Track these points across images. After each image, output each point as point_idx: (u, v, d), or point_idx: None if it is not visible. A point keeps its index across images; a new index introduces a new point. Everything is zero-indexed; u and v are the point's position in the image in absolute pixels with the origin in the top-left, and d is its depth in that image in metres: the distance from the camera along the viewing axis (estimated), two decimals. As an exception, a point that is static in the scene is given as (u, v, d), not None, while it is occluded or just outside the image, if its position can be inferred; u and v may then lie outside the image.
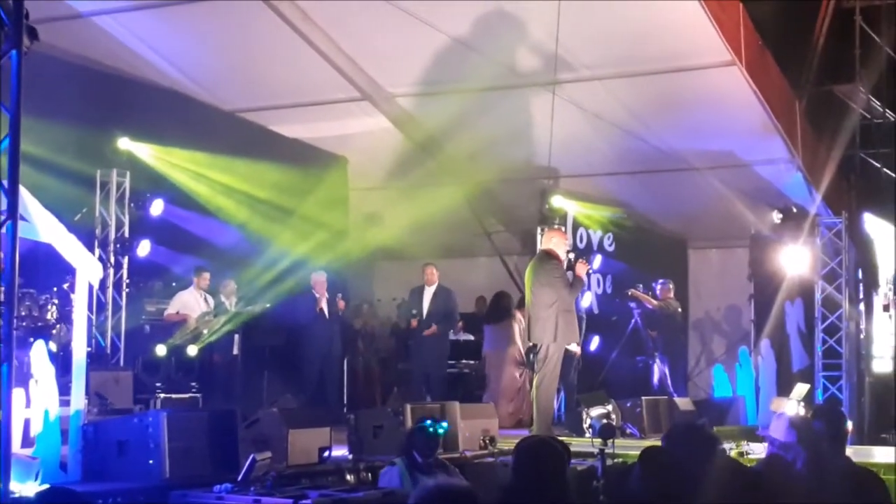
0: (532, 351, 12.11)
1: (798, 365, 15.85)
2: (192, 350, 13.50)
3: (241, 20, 14.52)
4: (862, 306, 16.10)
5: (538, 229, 15.04)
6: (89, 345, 11.40)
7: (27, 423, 7.84)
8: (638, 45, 13.94)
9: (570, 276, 11.94)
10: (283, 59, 15.32)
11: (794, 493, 5.45)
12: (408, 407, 9.95)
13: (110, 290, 13.18)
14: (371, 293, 18.40)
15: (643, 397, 13.24)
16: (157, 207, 13.78)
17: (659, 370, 15.57)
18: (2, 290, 6.85)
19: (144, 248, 13.59)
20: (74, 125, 12.30)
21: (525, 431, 11.92)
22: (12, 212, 6.79)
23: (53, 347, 10.98)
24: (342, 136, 16.65)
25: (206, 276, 14.08)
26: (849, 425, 7.86)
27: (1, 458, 6.67)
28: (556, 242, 12.09)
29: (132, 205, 13.48)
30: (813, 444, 7.11)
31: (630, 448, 9.50)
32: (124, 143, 13.41)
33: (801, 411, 12.40)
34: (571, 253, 12.36)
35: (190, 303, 13.98)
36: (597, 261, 16.42)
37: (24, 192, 7.14)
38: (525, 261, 13.09)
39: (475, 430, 10.63)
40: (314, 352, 14.77)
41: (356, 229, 17.37)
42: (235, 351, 14.34)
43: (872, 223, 16.55)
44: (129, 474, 7.91)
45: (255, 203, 14.98)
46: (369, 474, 8.98)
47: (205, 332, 13.72)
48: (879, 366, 16.21)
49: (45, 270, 10.77)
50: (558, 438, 7.85)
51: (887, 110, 18.70)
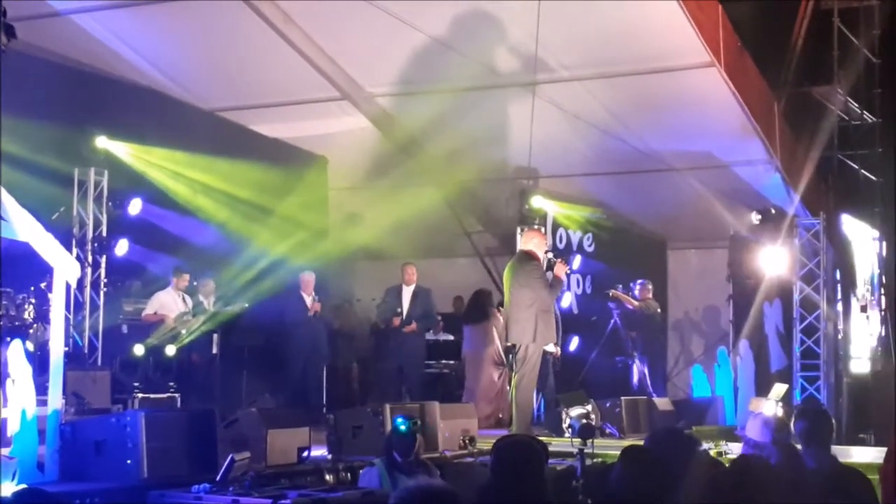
0: (511, 351, 12.10)
1: (776, 365, 15.90)
2: (171, 350, 13.44)
3: (221, 19, 14.49)
4: (840, 307, 16.19)
5: (518, 229, 15.02)
6: (67, 344, 11.33)
7: (4, 422, 7.80)
8: (617, 46, 13.96)
9: (549, 276, 11.94)
10: (262, 59, 15.28)
11: (767, 492, 5.47)
12: (387, 407, 9.95)
13: (88, 290, 13.10)
14: (351, 293, 18.36)
15: (622, 397, 13.27)
16: (136, 206, 13.72)
17: (638, 370, 15.59)
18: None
19: (122, 248, 13.55)
20: (52, 123, 12.22)
21: (504, 431, 11.92)
22: (-11, 210, 6.75)
23: (31, 347, 10.94)
24: (322, 136, 16.62)
25: (186, 277, 14.02)
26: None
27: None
28: (537, 243, 12.06)
29: (110, 204, 13.41)
30: (787, 445, 7.18)
31: (609, 448, 9.51)
32: (102, 142, 13.34)
33: (780, 411, 12.42)
34: (550, 253, 12.34)
35: (168, 303, 13.92)
36: (576, 261, 16.44)
37: (1, 190, 7.10)
38: (504, 261, 13.07)
39: (455, 430, 10.63)
40: (299, 351, 14.74)
41: (336, 229, 17.33)
42: (214, 351, 14.29)
43: (850, 224, 16.65)
44: (107, 474, 7.89)
45: (234, 202, 14.92)
46: (348, 474, 8.98)
47: (183, 331, 13.66)
48: (857, 366, 16.30)
49: (23, 269, 10.69)
50: (537, 438, 7.87)
51: (865, 112, 18.76)
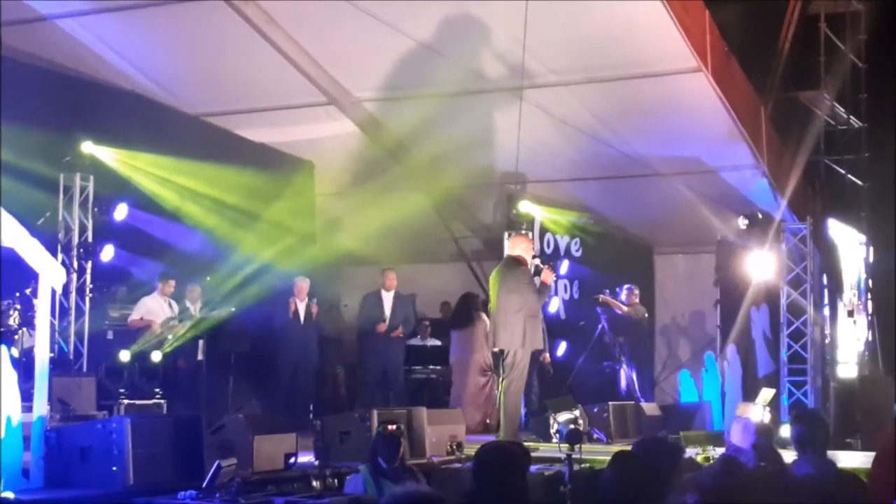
0: (498, 357, 12.08)
1: (763, 370, 15.91)
2: (157, 356, 13.35)
3: (206, 24, 14.45)
4: (827, 311, 16.20)
5: (505, 234, 15.04)
6: (52, 350, 11.25)
7: (-11, 429, 7.74)
8: (604, 52, 13.96)
9: (536, 281, 11.92)
10: (248, 63, 15.24)
11: (744, 493, 5.54)
12: (374, 412, 9.91)
13: (73, 296, 13.01)
14: (338, 298, 18.32)
15: (610, 402, 13.30)
16: (121, 212, 13.64)
17: (626, 375, 15.59)
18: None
19: (108, 253, 13.46)
20: (37, 128, 12.15)
21: (492, 437, 11.90)
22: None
23: (15, 353, 10.88)
24: (308, 141, 16.57)
25: (172, 283, 13.94)
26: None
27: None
28: (524, 248, 11.99)
29: (96, 209, 13.33)
30: (767, 449, 7.23)
31: (597, 453, 9.53)
32: (88, 147, 13.26)
33: (766, 416, 12.46)
34: (538, 258, 12.32)
35: (154, 309, 13.85)
36: (564, 266, 16.46)
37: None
38: (492, 266, 13.04)
39: (442, 435, 10.61)
40: (289, 357, 14.70)
41: (323, 234, 17.30)
42: (200, 356, 14.20)
43: (837, 229, 16.66)
44: (93, 481, 7.85)
45: (220, 208, 14.86)
46: (335, 480, 8.95)
47: (169, 337, 13.59)
48: (844, 371, 16.31)
49: (8, 275, 10.65)
50: (520, 443, 7.85)
51: (851, 117, 18.84)
